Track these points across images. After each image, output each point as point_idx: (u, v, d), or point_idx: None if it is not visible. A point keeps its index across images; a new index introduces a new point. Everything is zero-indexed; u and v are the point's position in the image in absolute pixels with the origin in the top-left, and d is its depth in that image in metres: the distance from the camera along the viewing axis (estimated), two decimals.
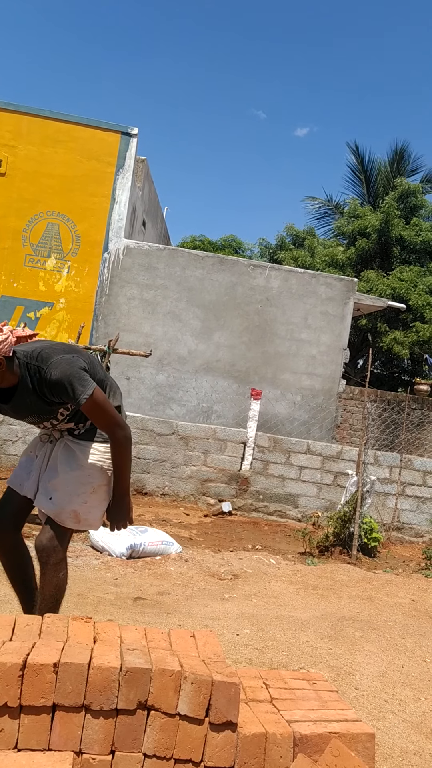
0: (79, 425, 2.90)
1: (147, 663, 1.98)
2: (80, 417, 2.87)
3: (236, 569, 5.53)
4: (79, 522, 2.84)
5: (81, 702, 1.88)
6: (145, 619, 3.94)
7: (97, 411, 2.68)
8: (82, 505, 2.81)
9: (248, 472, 8.43)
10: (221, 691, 1.99)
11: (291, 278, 11.04)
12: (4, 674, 1.85)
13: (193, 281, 10.78)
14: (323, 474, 8.55)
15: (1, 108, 10.48)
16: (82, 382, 2.62)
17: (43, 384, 2.66)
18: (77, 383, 2.61)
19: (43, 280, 10.51)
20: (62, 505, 2.78)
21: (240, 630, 3.92)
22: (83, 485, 2.82)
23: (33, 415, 2.83)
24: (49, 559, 2.78)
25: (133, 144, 10.67)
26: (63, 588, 2.88)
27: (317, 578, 5.56)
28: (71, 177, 10.55)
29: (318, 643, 3.85)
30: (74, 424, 2.89)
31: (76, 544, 5.60)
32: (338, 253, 17.40)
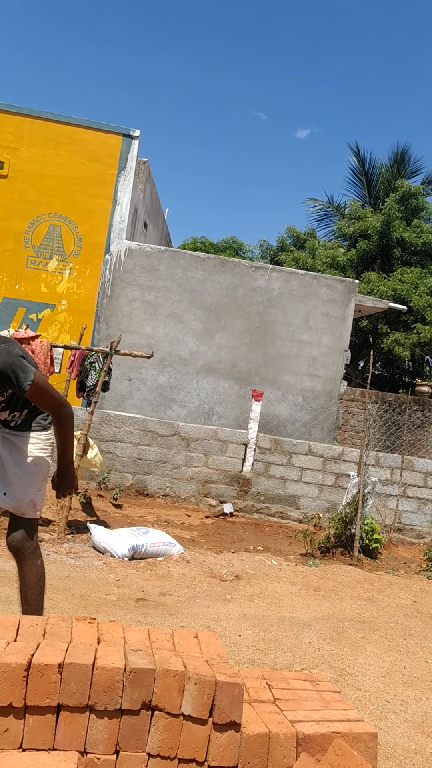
0: (14, 414, 2.92)
1: (151, 663, 1.99)
2: (15, 405, 2.90)
3: (238, 570, 5.54)
4: (37, 510, 2.96)
5: (86, 702, 1.89)
6: (148, 620, 3.96)
7: (41, 394, 2.74)
8: (37, 493, 2.94)
9: (249, 474, 8.44)
10: (225, 691, 2.00)
11: (292, 280, 11.05)
12: (9, 674, 1.86)
13: (194, 283, 10.80)
14: (324, 475, 8.57)
15: (3, 110, 10.50)
16: (24, 369, 2.66)
17: None
18: (19, 371, 2.65)
19: (45, 282, 10.53)
20: (20, 498, 2.89)
21: (242, 631, 3.94)
22: (34, 475, 2.92)
23: None
24: (25, 551, 2.90)
25: (135, 146, 10.70)
26: (43, 574, 2.99)
27: (319, 579, 5.57)
28: (73, 179, 10.57)
29: (320, 644, 3.86)
30: (9, 413, 2.90)
31: (78, 545, 5.62)
32: (339, 255, 17.42)
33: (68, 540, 5.75)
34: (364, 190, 20.15)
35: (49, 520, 6.40)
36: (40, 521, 6.29)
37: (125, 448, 8.48)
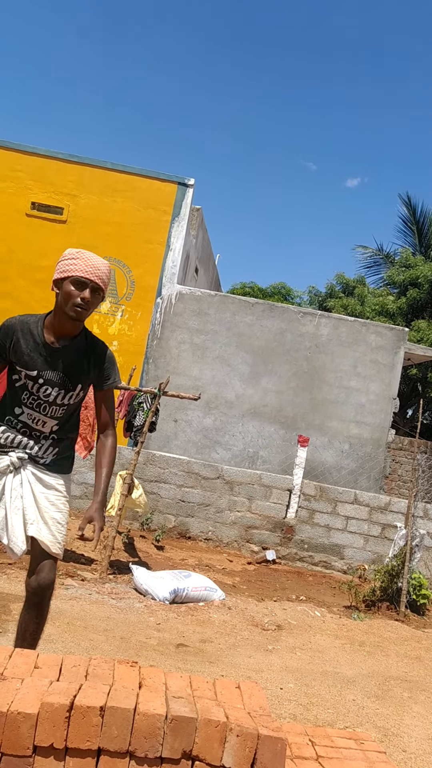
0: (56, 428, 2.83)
1: (193, 712, 1.96)
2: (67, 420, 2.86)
3: (280, 620, 5.42)
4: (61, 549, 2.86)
5: (126, 748, 1.87)
6: (188, 666, 3.90)
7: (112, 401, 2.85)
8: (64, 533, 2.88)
9: (293, 520, 8.32)
10: (267, 745, 1.95)
11: (341, 326, 11.05)
12: (52, 715, 1.85)
13: (242, 327, 10.90)
14: (370, 525, 8.37)
15: (66, 159, 10.98)
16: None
17: (95, 350, 2.83)
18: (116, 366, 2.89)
19: (97, 323, 10.79)
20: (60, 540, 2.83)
21: (284, 684, 3.83)
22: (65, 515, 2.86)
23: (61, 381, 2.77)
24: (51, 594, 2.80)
25: (189, 194, 11.00)
26: None
27: (364, 634, 5.40)
28: (128, 225, 10.90)
29: (365, 702, 3.73)
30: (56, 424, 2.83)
31: (120, 585, 5.60)
32: (389, 303, 17.36)
33: (110, 580, 5.74)
34: (414, 239, 20.14)
35: (92, 559, 6.42)
36: (82, 560, 6.32)
37: (169, 490, 8.48)
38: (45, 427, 2.82)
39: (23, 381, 2.78)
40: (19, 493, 2.77)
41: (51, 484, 2.82)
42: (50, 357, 2.75)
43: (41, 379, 2.75)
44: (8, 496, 2.76)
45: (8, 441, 2.80)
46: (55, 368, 2.75)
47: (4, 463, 2.78)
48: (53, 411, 2.80)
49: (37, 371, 2.74)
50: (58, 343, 2.77)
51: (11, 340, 2.75)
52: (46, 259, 10.79)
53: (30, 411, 2.79)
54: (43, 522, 2.78)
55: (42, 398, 2.77)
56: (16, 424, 2.81)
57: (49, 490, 2.81)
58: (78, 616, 4.52)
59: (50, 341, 2.76)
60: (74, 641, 3.98)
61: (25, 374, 2.76)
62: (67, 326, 2.76)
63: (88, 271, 2.69)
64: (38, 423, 2.80)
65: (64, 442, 2.90)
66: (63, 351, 2.76)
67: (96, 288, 2.72)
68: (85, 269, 2.69)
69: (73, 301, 2.68)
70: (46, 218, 10.89)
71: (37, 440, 2.83)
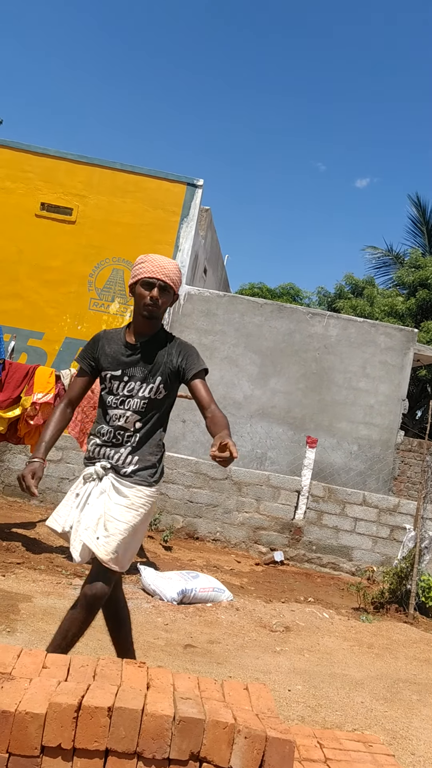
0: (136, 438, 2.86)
1: (200, 713, 1.95)
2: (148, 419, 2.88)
3: (288, 621, 5.41)
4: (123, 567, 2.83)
5: (134, 749, 1.86)
6: (195, 667, 3.89)
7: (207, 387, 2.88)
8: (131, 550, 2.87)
9: (302, 522, 8.30)
10: (275, 747, 1.94)
11: (350, 327, 11.01)
12: (60, 715, 1.85)
13: (251, 328, 10.88)
14: (379, 527, 8.34)
15: (75, 160, 11.01)
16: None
17: (174, 343, 2.94)
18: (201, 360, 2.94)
19: (106, 324, 10.80)
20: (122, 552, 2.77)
21: (292, 686, 3.82)
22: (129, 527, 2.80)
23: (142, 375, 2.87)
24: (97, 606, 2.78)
25: (198, 194, 11.00)
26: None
27: (372, 636, 5.38)
28: (137, 225, 10.91)
29: (373, 705, 3.71)
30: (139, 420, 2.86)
31: (128, 585, 5.60)
32: (398, 303, 17.30)
33: None
34: (424, 240, 20.07)
35: None
36: None
37: (177, 490, 8.48)
38: (127, 422, 2.88)
39: (109, 384, 2.94)
40: (93, 500, 2.85)
41: (126, 493, 2.85)
42: (132, 354, 2.92)
43: (126, 376, 2.91)
44: (82, 500, 2.87)
45: (96, 453, 2.93)
46: (136, 364, 2.91)
47: (88, 471, 2.91)
48: (135, 404, 2.88)
49: (121, 369, 2.91)
50: (137, 341, 2.93)
51: (98, 348, 2.99)
52: (55, 259, 10.84)
53: (115, 411, 2.90)
54: (103, 531, 2.77)
55: (126, 394, 2.90)
56: (103, 434, 2.92)
57: (123, 499, 2.83)
58: None
59: (131, 341, 2.95)
60: (82, 641, 3.96)
61: (110, 375, 2.93)
62: (144, 326, 2.94)
63: (154, 271, 2.86)
64: (121, 419, 2.89)
65: (146, 450, 2.89)
66: (143, 347, 2.92)
67: (164, 285, 2.88)
68: (151, 270, 2.87)
69: (144, 301, 2.87)
70: (56, 219, 10.92)
71: (118, 447, 2.88)
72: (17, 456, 8.68)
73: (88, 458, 2.96)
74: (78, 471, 8.61)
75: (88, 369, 3.01)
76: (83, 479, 2.91)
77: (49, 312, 10.78)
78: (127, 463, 2.86)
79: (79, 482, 2.93)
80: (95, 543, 2.74)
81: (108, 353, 2.94)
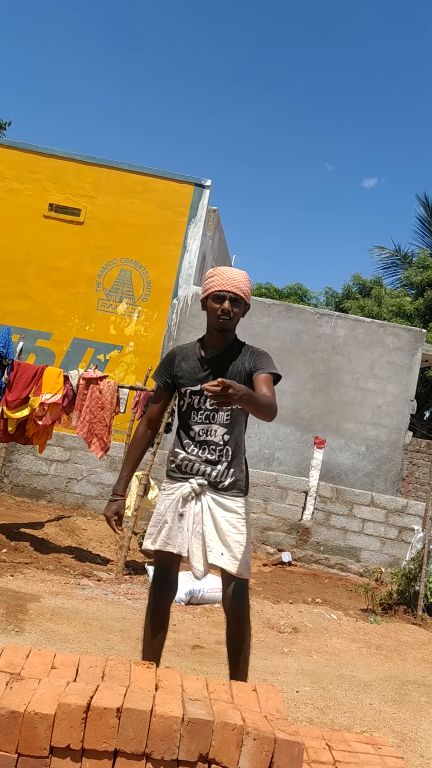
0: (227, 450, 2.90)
1: (209, 715, 1.95)
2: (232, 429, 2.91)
3: (296, 622, 5.40)
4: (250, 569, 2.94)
5: (142, 750, 1.86)
6: (203, 668, 3.89)
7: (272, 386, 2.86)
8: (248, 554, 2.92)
9: (309, 523, 8.28)
10: (284, 749, 1.93)
11: (358, 327, 10.98)
12: (69, 715, 1.85)
13: (258, 328, 10.87)
14: (387, 528, 8.31)
15: (83, 161, 11.04)
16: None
17: (248, 351, 2.95)
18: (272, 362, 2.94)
19: (113, 324, 10.83)
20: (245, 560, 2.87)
21: (300, 687, 3.81)
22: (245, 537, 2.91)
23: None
24: (246, 614, 2.90)
25: (206, 195, 11.00)
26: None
27: (380, 638, 5.36)
28: (145, 226, 10.93)
29: (382, 707, 3.70)
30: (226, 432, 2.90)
31: (136, 586, 5.61)
32: (406, 304, 17.25)
33: (126, 581, 5.75)
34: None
35: (108, 560, 6.43)
36: (98, 560, 6.34)
37: None
38: (216, 436, 2.91)
39: (189, 399, 2.94)
40: (200, 519, 2.87)
41: (231, 507, 2.90)
42: (207, 367, 2.93)
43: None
44: (190, 521, 2.88)
45: (188, 468, 2.94)
46: (213, 376, 2.87)
47: (186, 489, 2.90)
48: (221, 418, 2.91)
49: (200, 384, 2.88)
50: (212, 355, 2.95)
51: (174, 364, 3.00)
52: (63, 260, 10.87)
53: (201, 426, 2.93)
54: (225, 546, 2.85)
55: (209, 408, 2.91)
56: (192, 450, 2.93)
57: (229, 513, 2.89)
58: (94, 616, 4.53)
59: (205, 355, 2.96)
60: (90, 641, 3.99)
61: (189, 391, 2.93)
62: (217, 339, 2.96)
63: (224, 284, 2.87)
64: (210, 434, 2.92)
65: (238, 460, 2.95)
66: (218, 359, 2.94)
67: (234, 297, 2.88)
68: (220, 283, 2.88)
69: (216, 314, 2.89)
70: (64, 220, 10.94)
71: (215, 465, 2.91)
72: (25, 456, 8.71)
73: (181, 474, 2.95)
74: (86, 471, 8.63)
75: (164, 386, 3.03)
76: (182, 498, 2.90)
77: (57, 312, 10.80)
78: (224, 477, 2.91)
79: (177, 501, 2.91)
80: (222, 560, 2.83)
81: (185, 369, 2.96)
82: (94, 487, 8.68)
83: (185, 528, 2.89)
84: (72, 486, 8.67)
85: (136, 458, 3.08)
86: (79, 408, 6.19)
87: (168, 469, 3.03)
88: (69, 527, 7.36)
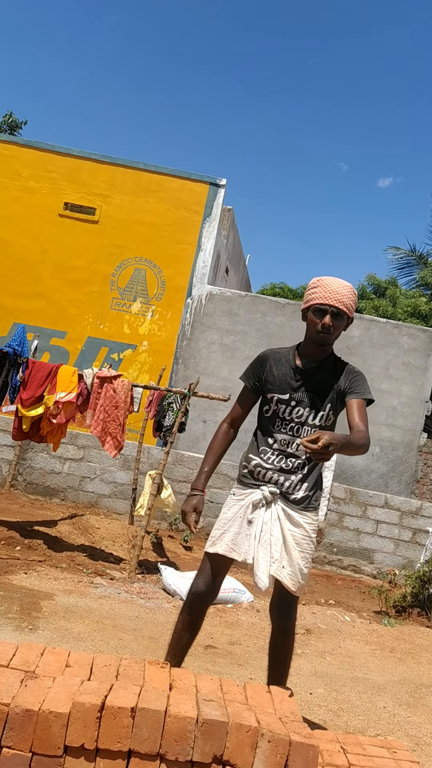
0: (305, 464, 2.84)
1: (224, 716, 1.94)
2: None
3: (309, 624, 5.37)
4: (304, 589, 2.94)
5: (157, 750, 1.85)
6: (216, 668, 3.87)
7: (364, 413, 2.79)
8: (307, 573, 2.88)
9: (322, 524, 8.24)
10: (299, 752, 1.92)
11: (372, 328, 10.92)
12: (83, 715, 1.85)
13: (273, 328, 10.84)
14: (401, 530, 8.26)
15: (98, 160, 11.06)
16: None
17: (345, 370, 2.86)
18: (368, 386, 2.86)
19: (127, 323, 10.84)
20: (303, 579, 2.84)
21: (313, 689, 3.79)
22: (308, 556, 2.87)
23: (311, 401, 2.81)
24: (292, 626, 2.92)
25: (221, 194, 10.98)
26: None
27: (394, 640, 5.32)
28: (160, 225, 10.93)
29: (396, 710, 3.66)
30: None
31: (148, 585, 5.61)
32: (421, 304, 17.14)
33: (139, 579, 5.75)
34: None
35: (120, 558, 6.44)
36: (111, 558, 6.34)
37: None
38: (299, 450, 2.83)
39: (275, 407, 2.87)
40: (268, 528, 2.82)
41: (299, 522, 2.83)
42: (300, 379, 2.85)
43: (293, 401, 2.83)
44: (258, 529, 2.82)
45: (260, 476, 2.88)
46: (305, 389, 2.84)
47: (256, 496, 2.84)
48: (306, 432, 2.83)
49: (288, 394, 2.83)
50: (307, 366, 2.86)
51: (265, 368, 2.92)
52: (78, 259, 10.90)
53: (283, 436, 2.86)
54: (288, 560, 2.81)
55: (295, 420, 2.84)
56: (268, 458, 2.87)
57: (296, 528, 2.83)
58: (107, 615, 4.53)
59: (300, 365, 2.87)
60: (103, 640, 3.99)
61: (277, 399, 2.86)
62: (315, 351, 2.87)
63: (326, 297, 2.77)
64: (292, 446, 2.85)
65: (314, 474, 2.90)
66: (312, 372, 2.85)
67: (336, 312, 2.78)
68: (323, 296, 2.78)
69: (316, 328, 2.80)
70: (79, 218, 10.97)
71: (289, 474, 2.85)
72: (39, 455, 8.74)
73: (253, 480, 2.89)
74: (99, 469, 8.65)
75: (252, 388, 2.97)
76: (252, 505, 2.85)
77: (72, 311, 10.84)
78: (297, 490, 2.84)
79: (247, 507, 2.86)
80: (283, 574, 2.78)
81: (276, 375, 2.88)
82: (107, 485, 8.69)
83: (253, 535, 2.81)
84: (85, 484, 8.69)
85: (218, 455, 3.00)
86: (93, 407, 6.19)
87: (239, 474, 2.96)
88: (82, 526, 7.37)
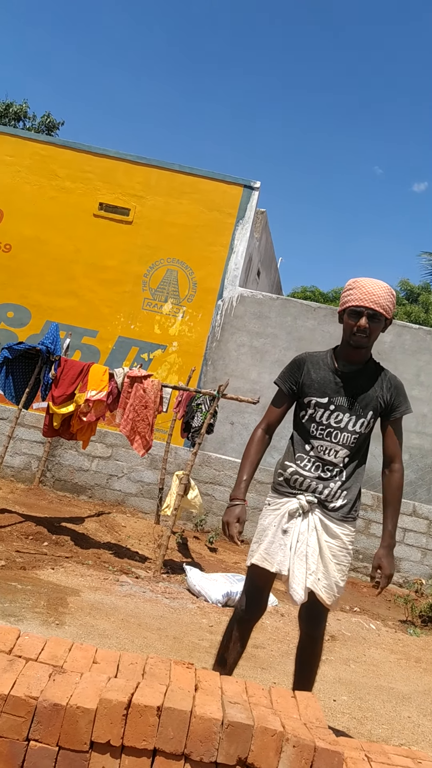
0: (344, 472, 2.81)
1: (249, 719, 1.93)
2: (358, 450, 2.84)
3: (334, 630, 5.33)
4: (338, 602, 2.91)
5: (182, 750, 1.86)
6: (240, 671, 3.86)
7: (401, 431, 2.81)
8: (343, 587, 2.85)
9: None
10: (324, 758, 1.91)
11: (404, 333, 10.81)
12: (110, 711, 1.86)
13: (303, 331, 10.79)
14: (429, 539, 8.15)
15: (133, 161, 11.14)
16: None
17: (385, 377, 2.84)
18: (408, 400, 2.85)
19: (158, 324, 10.89)
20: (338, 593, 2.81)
21: (337, 696, 3.77)
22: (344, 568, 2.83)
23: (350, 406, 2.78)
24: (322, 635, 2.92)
25: (255, 197, 10.97)
26: None
27: (420, 650, 5.26)
28: (193, 226, 10.96)
29: (420, 720, 3.62)
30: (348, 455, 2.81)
31: (173, 585, 5.63)
32: None
33: (164, 579, 5.77)
34: None
35: (146, 557, 6.47)
36: (137, 557, 6.38)
37: (224, 492, 8.46)
38: (337, 457, 2.80)
39: (312, 411, 2.82)
40: (305, 538, 2.76)
41: (337, 533, 2.78)
42: (340, 382, 2.81)
43: (332, 405, 2.80)
44: (294, 539, 2.77)
45: (297, 483, 2.83)
46: (345, 394, 2.80)
47: (293, 506, 2.79)
48: (344, 438, 2.79)
49: (328, 398, 2.80)
50: (347, 370, 2.82)
51: (302, 372, 2.86)
52: (111, 259, 10.98)
53: (321, 442, 2.81)
54: (324, 573, 2.76)
55: (333, 425, 2.79)
56: (305, 465, 2.83)
57: (334, 539, 2.78)
58: (132, 613, 4.56)
59: (340, 368, 2.82)
60: (128, 638, 4.02)
61: (316, 402, 2.81)
62: (352, 355, 2.82)
63: (362, 299, 2.73)
64: (329, 453, 2.80)
65: (354, 483, 2.85)
66: (352, 376, 2.82)
67: (373, 314, 2.73)
68: (359, 298, 2.74)
69: (351, 331, 2.76)
70: (113, 219, 11.06)
71: (327, 482, 2.80)
72: (68, 452, 8.83)
73: (289, 488, 2.84)
74: (127, 468, 8.71)
75: (289, 392, 2.91)
76: (288, 514, 2.80)
77: (104, 311, 10.92)
78: (336, 498, 2.79)
79: (283, 515, 2.81)
80: (318, 586, 2.74)
81: (314, 379, 2.82)
82: (134, 484, 8.75)
83: (288, 545, 2.75)
84: (113, 483, 8.76)
85: (255, 463, 2.91)
86: (123, 406, 6.24)
87: (275, 482, 2.90)
88: (108, 523, 7.43)
